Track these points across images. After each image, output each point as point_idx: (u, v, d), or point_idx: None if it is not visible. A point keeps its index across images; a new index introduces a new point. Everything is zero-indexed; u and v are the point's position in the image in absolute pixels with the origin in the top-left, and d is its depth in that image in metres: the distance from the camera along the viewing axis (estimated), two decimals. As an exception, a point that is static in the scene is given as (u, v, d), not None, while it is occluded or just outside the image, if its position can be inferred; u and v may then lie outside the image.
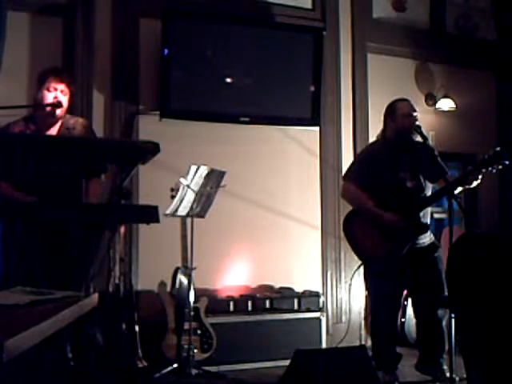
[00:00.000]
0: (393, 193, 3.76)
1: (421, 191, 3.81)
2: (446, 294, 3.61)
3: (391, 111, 3.89)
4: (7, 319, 1.43)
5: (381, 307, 3.87)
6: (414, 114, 3.82)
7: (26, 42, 4.40)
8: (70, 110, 3.70)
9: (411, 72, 5.71)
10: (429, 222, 3.88)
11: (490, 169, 3.49)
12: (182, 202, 3.94)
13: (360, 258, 3.90)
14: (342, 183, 4.09)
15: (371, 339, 3.97)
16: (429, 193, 3.86)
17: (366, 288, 4.01)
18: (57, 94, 3.46)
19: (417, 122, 3.75)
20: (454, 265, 2.15)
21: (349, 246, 3.96)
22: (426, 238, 3.82)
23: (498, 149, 3.48)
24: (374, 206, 3.74)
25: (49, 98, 3.45)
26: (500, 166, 3.47)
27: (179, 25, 4.63)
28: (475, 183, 3.59)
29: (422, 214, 3.77)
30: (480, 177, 3.55)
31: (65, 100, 3.50)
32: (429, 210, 3.87)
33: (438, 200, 4.12)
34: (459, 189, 3.64)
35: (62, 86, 3.49)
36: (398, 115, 3.83)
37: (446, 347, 3.66)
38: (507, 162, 3.46)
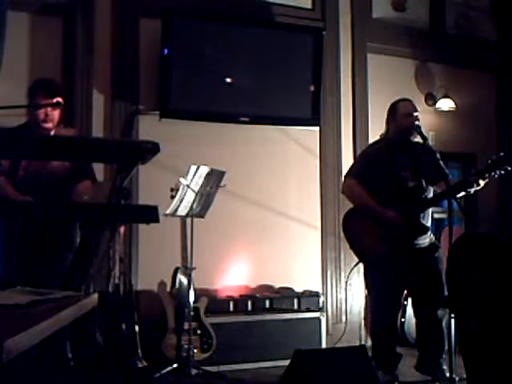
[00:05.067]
0: (394, 192, 3.76)
1: (422, 192, 3.81)
2: (446, 294, 3.62)
3: (393, 111, 3.90)
4: (7, 319, 1.42)
5: (381, 307, 3.87)
6: (415, 113, 3.83)
7: (26, 42, 4.40)
8: (63, 122, 3.69)
9: (411, 72, 5.71)
10: (429, 223, 3.88)
11: (492, 174, 3.49)
12: (181, 202, 3.94)
13: (359, 257, 3.90)
14: (342, 180, 4.09)
15: (371, 339, 3.97)
16: (430, 194, 3.86)
17: (366, 288, 4.01)
18: (47, 111, 3.47)
19: (417, 122, 3.76)
20: (453, 265, 2.15)
21: (348, 246, 3.97)
22: (426, 239, 3.82)
23: (502, 154, 3.49)
24: (374, 202, 3.75)
25: (40, 115, 3.48)
26: (503, 172, 3.49)
27: (179, 25, 4.63)
28: (477, 188, 3.57)
29: (422, 215, 3.78)
30: (482, 182, 3.54)
31: (56, 114, 3.52)
32: (430, 211, 3.87)
33: (439, 202, 4.11)
34: (461, 193, 3.62)
35: (53, 101, 3.50)
36: (399, 115, 3.85)
37: (446, 347, 3.66)
38: (510, 168, 3.48)
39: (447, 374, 3.57)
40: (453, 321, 3.16)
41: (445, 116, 5.76)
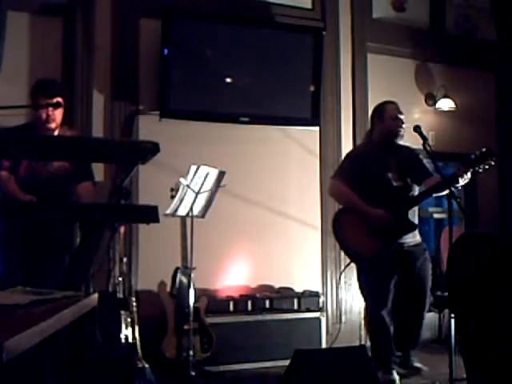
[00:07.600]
0: (380, 192, 3.79)
1: (407, 191, 3.84)
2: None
3: (379, 113, 3.94)
4: (7, 319, 1.43)
5: (377, 307, 3.87)
6: (401, 116, 3.86)
7: (26, 42, 4.40)
8: (66, 121, 3.70)
9: (411, 72, 5.71)
10: (416, 222, 3.89)
11: (476, 168, 3.51)
12: (181, 201, 3.94)
13: (350, 257, 3.92)
14: (329, 181, 4.13)
15: (370, 339, 3.97)
16: (415, 193, 3.89)
17: (360, 288, 4.00)
18: (48, 111, 3.48)
19: (404, 125, 3.84)
20: (454, 265, 2.15)
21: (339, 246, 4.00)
22: (416, 238, 3.84)
23: (485, 149, 3.50)
24: (361, 201, 3.76)
25: (42, 116, 3.49)
26: (487, 166, 3.51)
27: (179, 25, 4.63)
28: (462, 182, 3.58)
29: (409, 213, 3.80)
30: (467, 176, 3.54)
31: (57, 114, 3.52)
32: (416, 210, 3.90)
33: (426, 199, 4.12)
34: (446, 191, 3.60)
35: (53, 102, 3.50)
36: (386, 117, 3.89)
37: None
38: (493, 163, 3.49)
39: (417, 365, 3.72)
40: (453, 321, 3.16)
41: (445, 116, 5.76)
